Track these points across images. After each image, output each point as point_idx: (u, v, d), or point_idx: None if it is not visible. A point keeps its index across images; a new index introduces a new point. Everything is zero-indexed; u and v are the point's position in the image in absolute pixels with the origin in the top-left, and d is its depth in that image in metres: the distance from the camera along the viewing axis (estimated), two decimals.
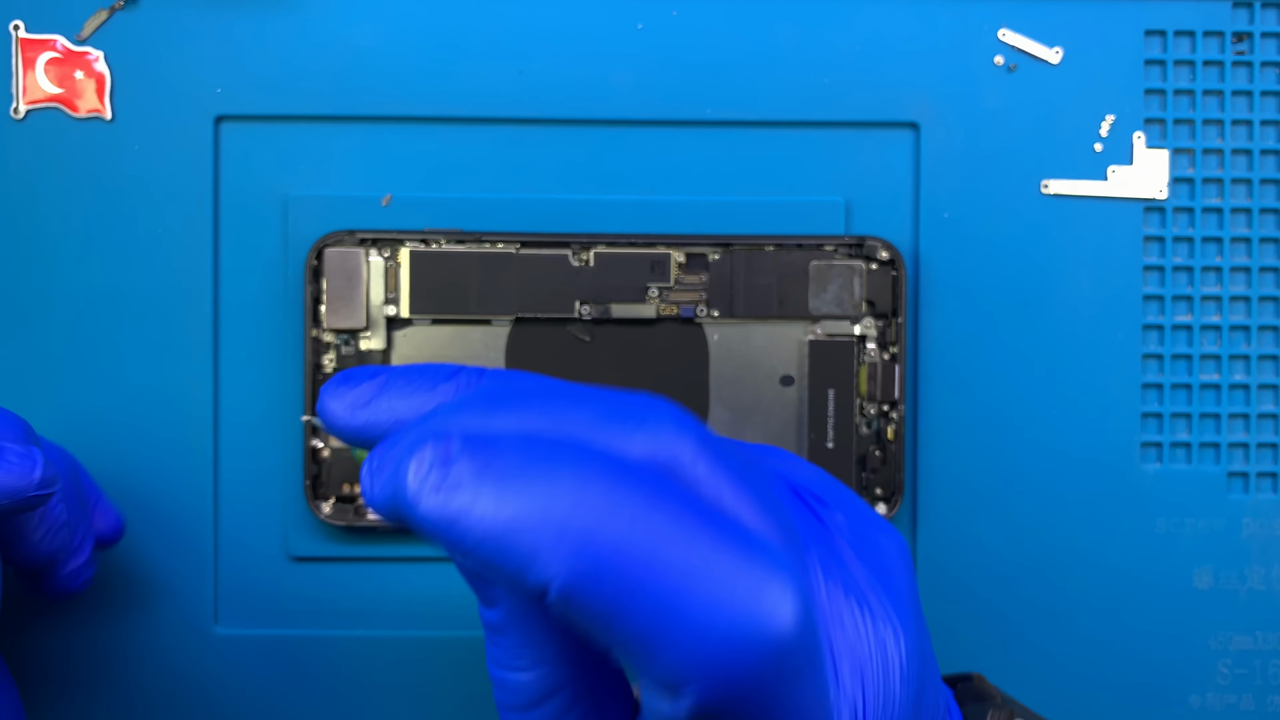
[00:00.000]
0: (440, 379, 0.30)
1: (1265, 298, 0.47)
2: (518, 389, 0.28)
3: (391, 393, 0.30)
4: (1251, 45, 0.47)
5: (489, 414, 0.27)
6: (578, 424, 0.27)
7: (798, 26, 0.47)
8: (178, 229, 0.46)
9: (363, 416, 0.29)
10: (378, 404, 0.30)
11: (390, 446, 0.26)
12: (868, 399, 0.46)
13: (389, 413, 0.29)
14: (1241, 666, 0.47)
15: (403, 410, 0.29)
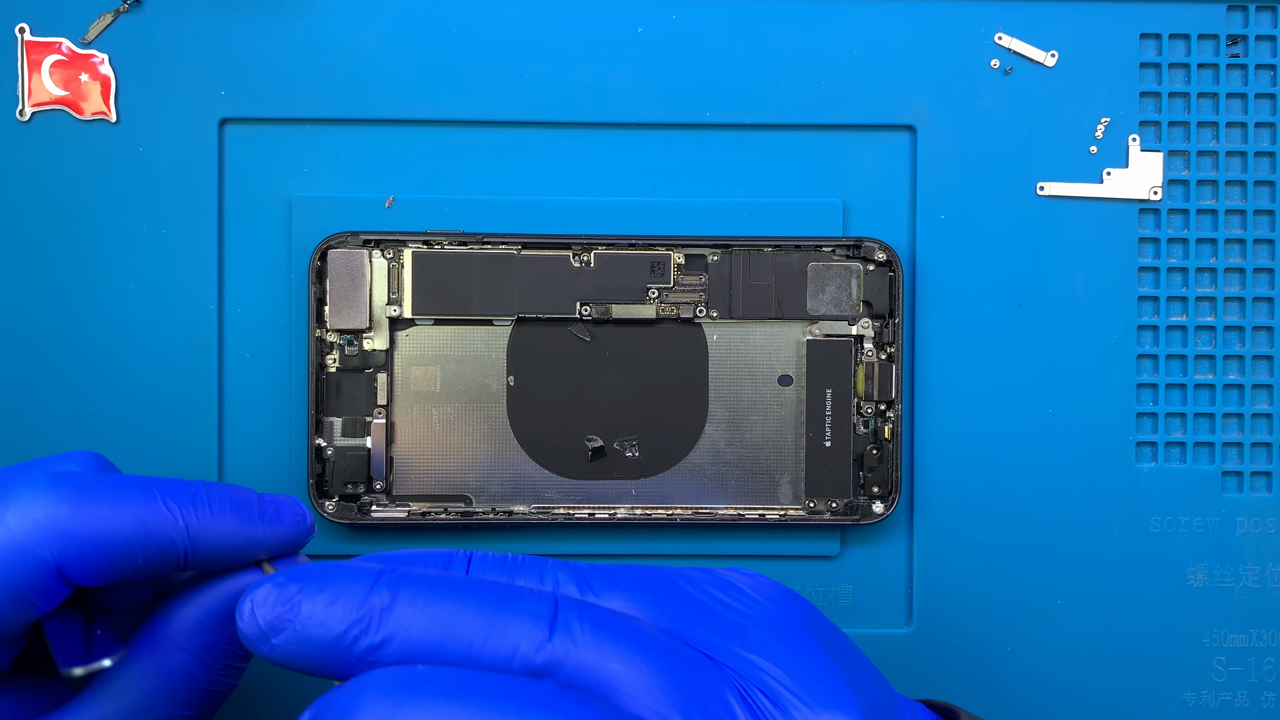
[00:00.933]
0: (352, 606, 0.32)
1: (1259, 298, 0.47)
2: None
3: (303, 622, 0.32)
4: (1246, 48, 0.47)
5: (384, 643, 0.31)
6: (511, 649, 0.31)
7: (796, 30, 0.47)
8: (182, 231, 0.46)
9: (279, 649, 0.32)
10: (290, 633, 0.32)
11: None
12: (865, 399, 0.46)
13: (304, 645, 0.32)
14: (1236, 664, 0.48)
15: (318, 639, 0.32)
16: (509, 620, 0.32)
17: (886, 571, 0.47)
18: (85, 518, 0.34)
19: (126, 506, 0.34)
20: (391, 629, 0.31)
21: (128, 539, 0.34)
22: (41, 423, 0.46)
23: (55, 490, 0.34)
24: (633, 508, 0.46)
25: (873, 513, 0.46)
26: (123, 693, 0.35)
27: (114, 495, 0.34)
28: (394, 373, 0.46)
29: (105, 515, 0.34)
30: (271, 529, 0.36)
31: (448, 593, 0.32)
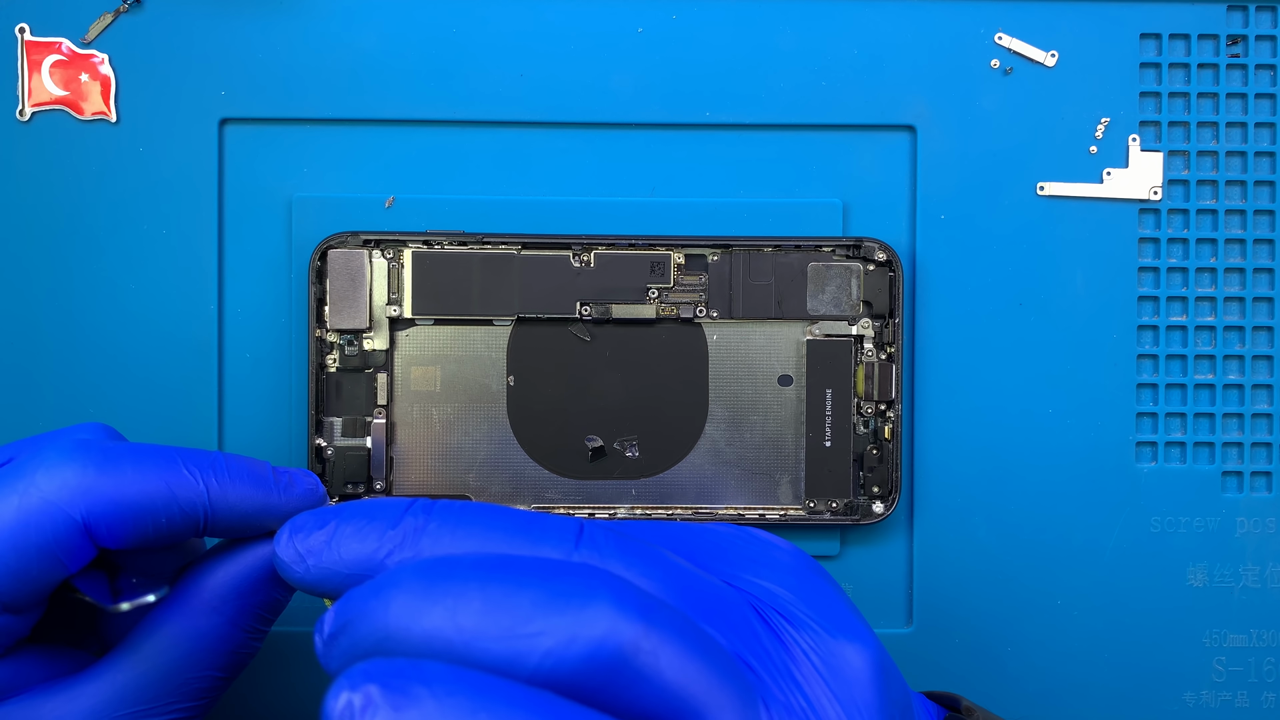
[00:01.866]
0: (387, 526, 0.32)
1: (1259, 298, 0.47)
2: (458, 560, 0.30)
3: (339, 543, 0.32)
4: (1246, 48, 0.47)
5: (425, 599, 0.29)
6: (516, 615, 0.29)
7: (796, 30, 0.47)
8: (182, 231, 0.46)
9: (314, 570, 0.33)
10: (326, 554, 0.32)
11: (327, 644, 0.30)
12: (865, 399, 0.46)
13: (338, 564, 0.32)
14: (1236, 664, 0.48)
15: (351, 558, 0.32)
16: (539, 535, 0.32)
17: (886, 571, 0.47)
18: (112, 480, 0.34)
19: (151, 470, 0.35)
20: (425, 545, 0.32)
21: (152, 501, 0.35)
22: (42, 422, 0.46)
23: (82, 454, 0.35)
24: (633, 508, 0.46)
25: (873, 513, 0.46)
26: (155, 654, 0.36)
27: (139, 459, 0.35)
28: (394, 373, 0.46)
29: (131, 478, 0.35)
30: (285, 496, 0.37)
31: (479, 514, 0.32)
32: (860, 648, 0.33)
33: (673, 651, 0.29)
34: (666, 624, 0.30)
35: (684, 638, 0.30)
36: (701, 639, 0.30)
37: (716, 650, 0.31)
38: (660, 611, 0.30)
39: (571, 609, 0.29)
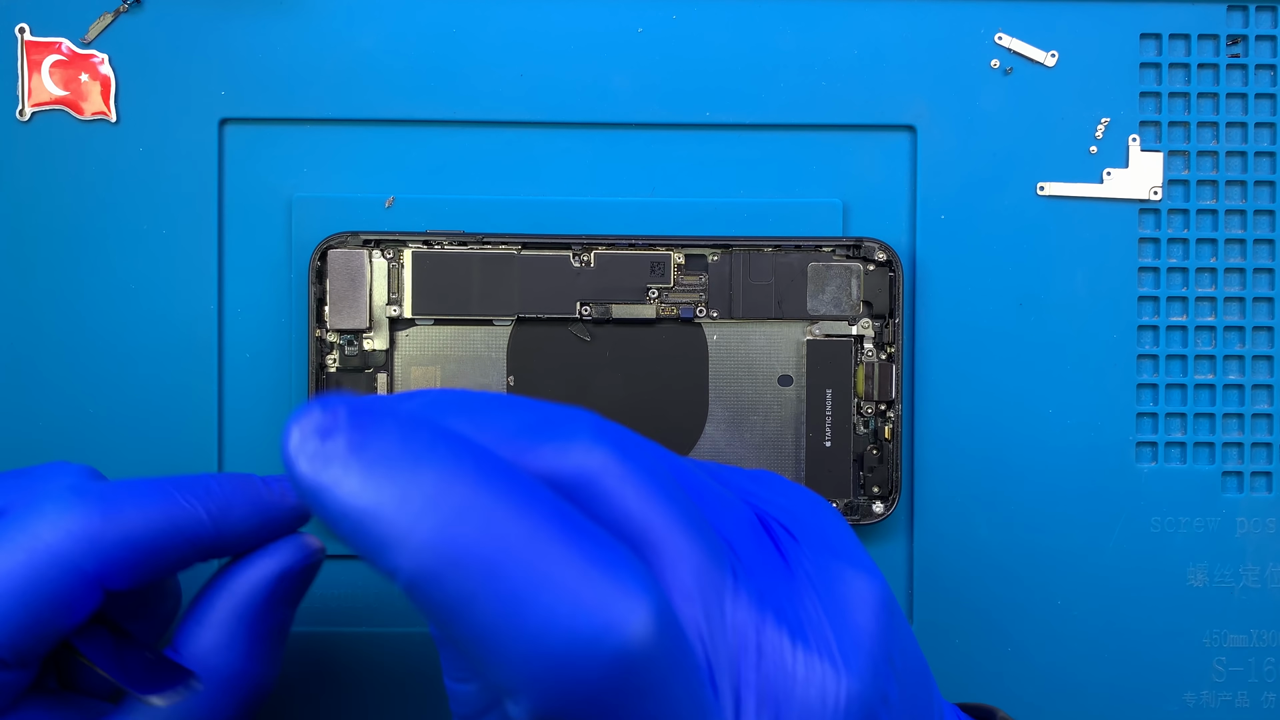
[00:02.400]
0: None
1: (1259, 298, 0.47)
2: (466, 395, 0.29)
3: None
4: (1246, 48, 0.47)
5: (412, 399, 0.28)
6: (497, 430, 0.28)
7: (796, 30, 0.47)
8: (182, 231, 0.46)
9: None
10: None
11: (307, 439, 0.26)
12: (865, 399, 0.46)
13: None
14: (1236, 664, 0.48)
15: None
16: (543, 411, 0.29)
17: (886, 571, 0.47)
18: (116, 525, 0.34)
19: (151, 507, 0.34)
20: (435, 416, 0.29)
21: (158, 538, 0.34)
22: (42, 422, 0.46)
23: (82, 501, 0.34)
24: None
25: (873, 513, 0.46)
26: (175, 709, 0.35)
27: (137, 498, 0.34)
28: (394, 373, 0.46)
29: (134, 519, 0.34)
30: (281, 504, 0.36)
31: (489, 398, 0.30)
32: (866, 577, 0.31)
33: (641, 486, 0.28)
34: (641, 461, 0.29)
35: (657, 480, 0.29)
36: (677, 492, 0.29)
37: (692, 509, 0.29)
38: (639, 451, 0.29)
39: (547, 434, 0.28)
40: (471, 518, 0.25)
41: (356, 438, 0.25)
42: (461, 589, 0.25)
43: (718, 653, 0.28)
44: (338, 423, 0.26)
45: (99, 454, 0.46)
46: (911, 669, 0.32)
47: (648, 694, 0.26)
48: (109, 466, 0.46)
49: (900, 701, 0.31)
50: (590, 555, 0.26)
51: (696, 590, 0.28)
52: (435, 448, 0.26)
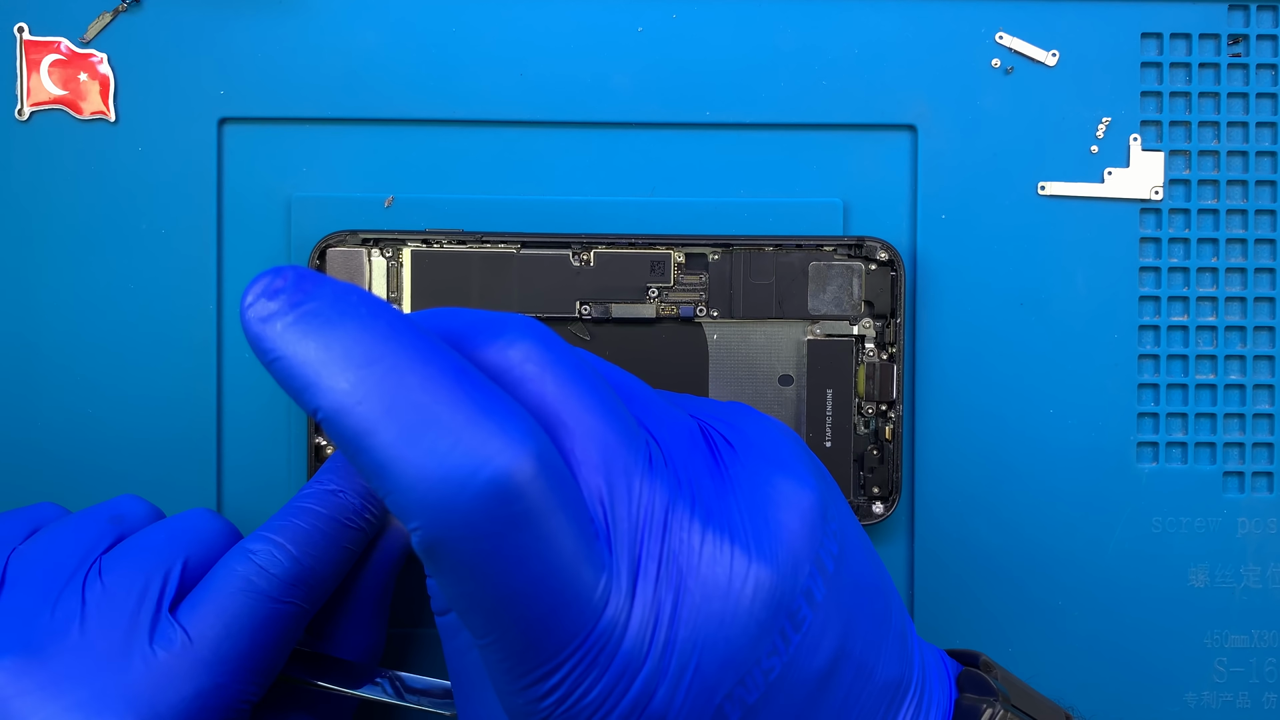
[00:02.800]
0: None
1: (1260, 298, 0.47)
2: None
3: None
4: (1247, 47, 0.47)
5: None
6: (447, 326, 0.32)
7: (797, 30, 0.47)
8: (181, 231, 0.46)
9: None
10: None
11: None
12: (866, 399, 0.46)
13: None
14: (1237, 664, 0.48)
15: None
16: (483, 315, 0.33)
17: (889, 571, 0.47)
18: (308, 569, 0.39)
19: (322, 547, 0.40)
20: None
21: (333, 566, 0.40)
22: (42, 421, 0.46)
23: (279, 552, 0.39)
24: None
25: (873, 513, 0.46)
26: None
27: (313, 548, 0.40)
28: None
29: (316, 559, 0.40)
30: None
31: (435, 310, 0.34)
32: (796, 483, 0.33)
33: (560, 374, 0.31)
34: (563, 355, 0.32)
35: (576, 371, 0.32)
36: (597, 383, 0.32)
37: (610, 399, 0.32)
38: (562, 347, 0.32)
39: (489, 334, 0.32)
40: (378, 365, 0.29)
41: (296, 297, 0.29)
42: (364, 424, 0.28)
43: (619, 521, 0.31)
44: (284, 285, 0.29)
45: (98, 453, 0.46)
46: (858, 583, 0.34)
47: (521, 528, 0.29)
48: (108, 465, 0.46)
49: (832, 606, 0.32)
50: (477, 404, 0.29)
51: (601, 464, 0.31)
52: (359, 308, 0.30)
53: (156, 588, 0.37)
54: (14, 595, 0.37)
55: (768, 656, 0.31)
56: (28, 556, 0.38)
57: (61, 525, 0.40)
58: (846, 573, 0.33)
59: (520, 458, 0.29)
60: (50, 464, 0.46)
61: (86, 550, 0.38)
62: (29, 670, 0.35)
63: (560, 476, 0.30)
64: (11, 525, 0.40)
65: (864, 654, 0.33)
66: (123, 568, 0.38)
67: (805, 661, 0.32)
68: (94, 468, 0.46)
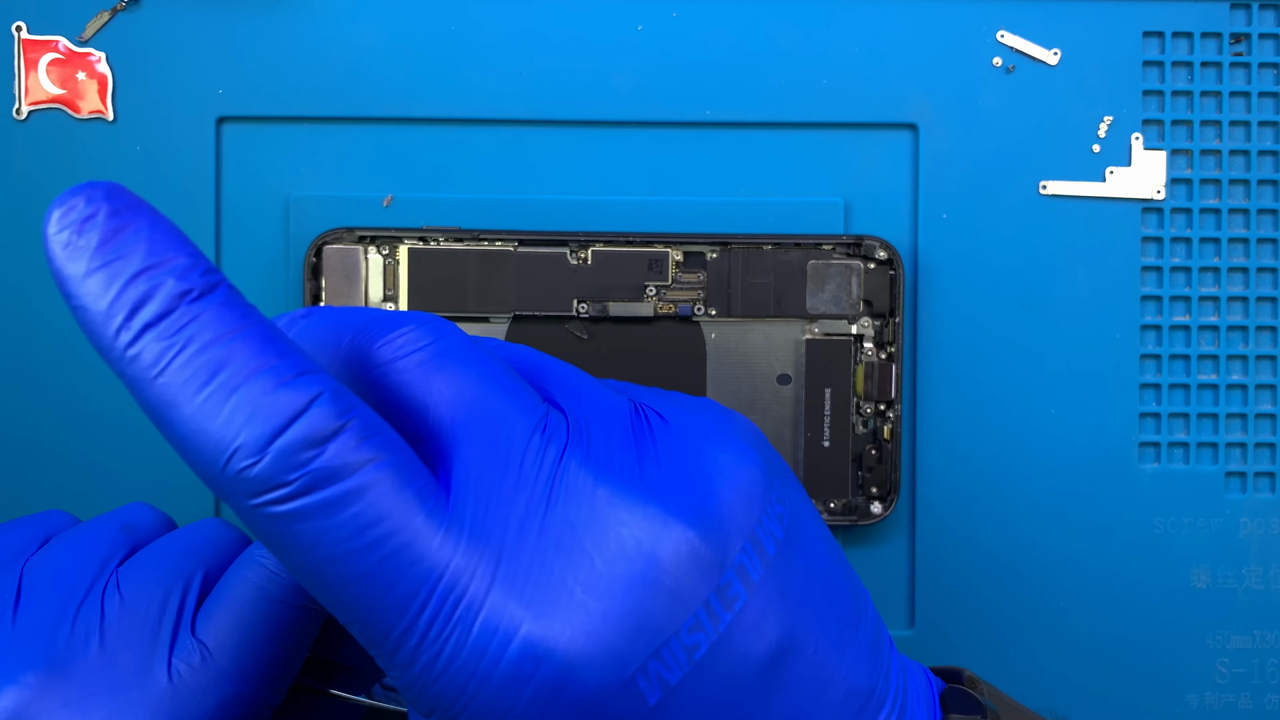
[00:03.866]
0: None
1: (1262, 298, 0.47)
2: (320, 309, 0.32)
3: None
4: (1249, 46, 0.47)
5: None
6: (350, 322, 0.31)
7: (797, 28, 0.47)
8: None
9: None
10: None
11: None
12: (864, 398, 0.46)
13: None
14: (1239, 665, 0.47)
15: None
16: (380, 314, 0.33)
17: (888, 572, 0.47)
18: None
19: None
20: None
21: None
22: (41, 420, 0.46)
23: None
24: None
25: (871, 513, 0.46)
26: None
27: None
28: None
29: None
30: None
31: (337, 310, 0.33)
32: (733, 457, 0.31)
33: (446, 352, 0.30)
34: (448, 335, 0.31)
35: (461, 349, 0.31)
36: (484, 359, 0.31)
37: (499, 374, 0.31)
38: (451, 333, 0.31)
39: (389, 330, 0.31)
40: (171, 326, 0.27)
41: (106, 236, 0.27)
42: (165, 396, 0.27)
43: (494, 486, 0.29)
44: (95, 219, 0.27)
45: (97, 452, 0.46)
46: (812, 575, 0.32)
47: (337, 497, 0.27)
48: (108, 462, 0.46)
49: (774, 590, 0.30)
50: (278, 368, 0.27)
51: (477, 432, 0.29)
52: (168, 249, 0.27)
53: (176, 601, 0.37)
54: (31, 609, 0.36)
55: (689, 631, 0.28)
56: (41, 568, 0.37)
57: (74, 535, 0.39)
58: (797, 561, 0.31)
59: (327, 417, 0.27)
60: (50, 464, 0.46)
61: (102, 562, 0.38)
62: (53, 686, 0.34)
63: (384, 446, 0.28)
64: (22, 534, 0.39)
65: (823, 653, 0.31)
66: (141, 581, 0.37)
67: (741, 645, 0.29)
68: (94, 468, 0.46)
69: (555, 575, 0.28)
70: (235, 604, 0.37)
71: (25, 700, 0.34)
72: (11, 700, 0.34)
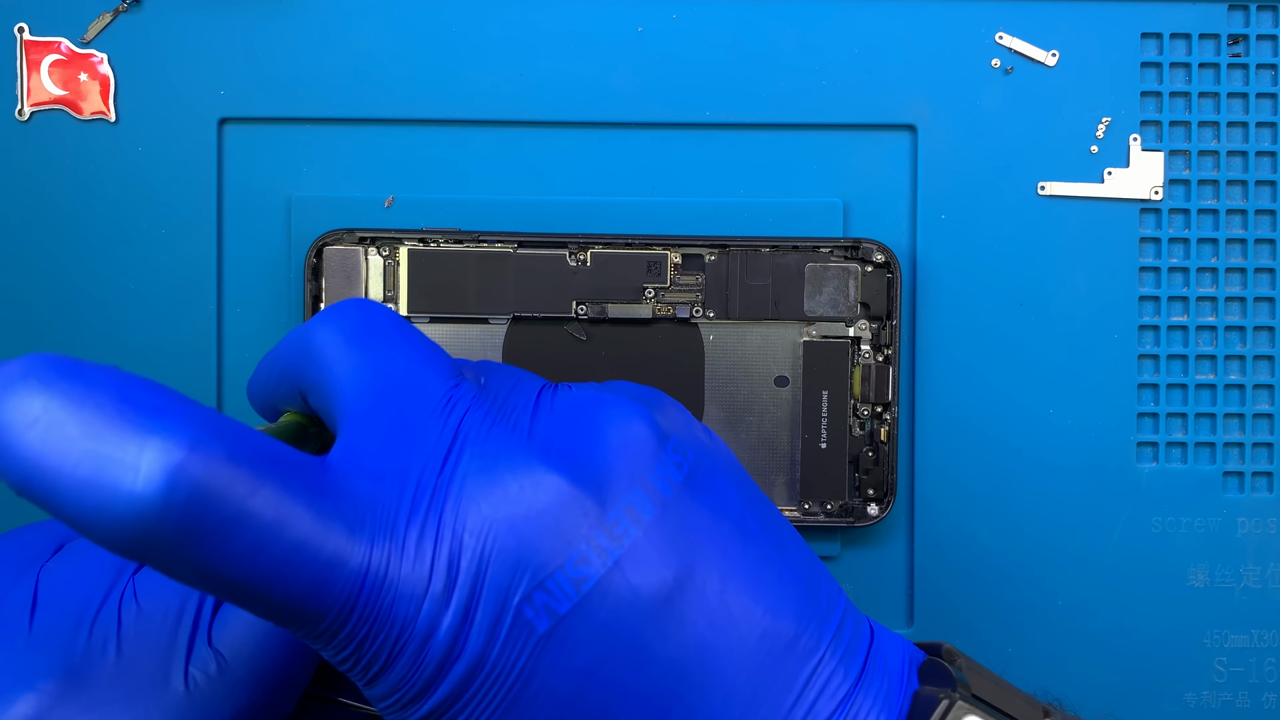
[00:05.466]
0: None
1: (1260, 298, 0.47)
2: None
3: None
4: (1247, 47, 0.47)
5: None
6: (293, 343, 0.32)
7: (796, 30, 0.47)
8: (181, 230, 0.46)
9: None
10: None
11: None
12: (861, 400, 0.46)
13: None
14: (1237, 664, 0.48)
15: None
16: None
17: (887, 573, 0.47)
18: None
19: None
20: None
21: None
22: None
23: None
24: None
25: (868, 515, 0.46)
26: None
27: None
28: None
29: None
30: None
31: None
32: (623, 411, 0.33)
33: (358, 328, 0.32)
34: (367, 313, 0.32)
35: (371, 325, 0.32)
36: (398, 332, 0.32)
37: (414, 342, 0.32)
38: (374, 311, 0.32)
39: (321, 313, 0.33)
40: (38, 429, 0.26)
41: None
42: (26, 467, 0.26)
43: (404, 450, 0.30)
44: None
45: None
46: (721, 518, 0.33)
47: (219, 521, 0.27)
48: None
49: (670, 529, 0.31)
50: (107, 429, 0.26)
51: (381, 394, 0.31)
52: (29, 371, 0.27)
53: (192, 610, 0.37)
54: (48, 616, 0.36)
55: (575, 565, 0.30)
56: (58, 574, 0.37)
57: (89, 542, 0.39)
58: (699, 504, 0.32)
59: (190, 465, 0.26)
60: None
61: (118, 569, 0.38)
62: (70, 694, 0.34)
63: (251, 453, 0.28)
64: (36, 540, 0.39)
65: (729, 592, 0.32)
66: (157, 589, 0.37)
67: (632, 577, 0.30)
68: None
69: (444, 526, 0.29)
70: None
71: (43, 707, 0.34)
72: (29, 707, 0.34)
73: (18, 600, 0.36)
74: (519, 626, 0.29)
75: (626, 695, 0.31)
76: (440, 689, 0.29)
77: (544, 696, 0.30)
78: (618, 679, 0.30)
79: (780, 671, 0.32)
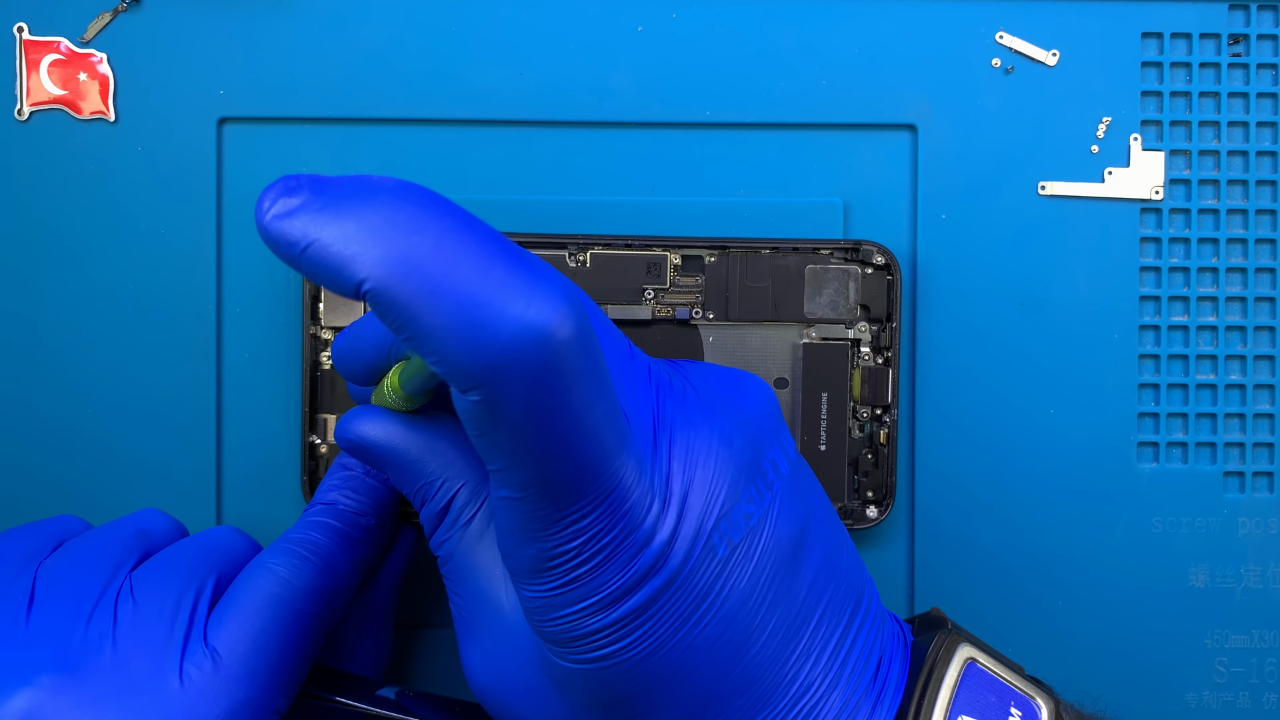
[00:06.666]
0: None
1: (1261, 298, 0.47)
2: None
3: None
4: (1247, 47, 0.47)
5: None
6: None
7: (796, 29, 0.47)
8: (180, 230, 0.46)
9: None
10: None
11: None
12: (861, 403, 0.46)
13: None
14: (1238, 664, 0.48)
15: None
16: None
17: (888, 573, 0.47)
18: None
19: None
20: None
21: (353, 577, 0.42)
22: (41, 420, 0.46)
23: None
24: None
25: (867, 517, 0.46)
26: None
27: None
28: None
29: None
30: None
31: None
32: (755, 383, 0.38)
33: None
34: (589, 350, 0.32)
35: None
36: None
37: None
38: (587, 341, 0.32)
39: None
40: (424, 234, 0.29)
41: (318, 189, 0.29)
42: (419, 291, 0.28)
43: (634, 387, 0.34)
44: (301, 185, 0.29)
45: (98, 451, 0.46)
46: (814, 491, 0.38)
47: (573, 382, 0.30)
48: (108, 462, 0.46)
49: (792, 488, 0.36)
50: (527, 271, 0.29)
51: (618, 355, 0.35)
52: (387, 185, 0.30)
53: (188, 607, 0.37)
54: (45, 611, 0.36)
55: (747, 502, 0.34)
56: (56, 571, 0.38)
57: (87, 539, 0.39)
58: (804, 478, 0.37)
59: (572, 315, 0.29)
60: (50, 464, 0.46)
61: (115, 566, 0.38)
62: (66, 688, 0.35)
63: (595, 340, 0.31)
64: (35, 538, 0.40)
65: (829, 547, 0.37)
66: (154, 586, 0.37)
67: (778, 521, 0.35)
68: (94, 468, 0.46)
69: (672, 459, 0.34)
70: (247, 610, 0.37)
71: (39, 702, 0.35)
72: (26, 701, 0.34)
73: (16, 596, 0.37)
74: (707, 550, 0.33)
75: (764, 625, 0.34)
76: (640, 593, 0.32)
77: (710, 616, 0.33)
78: (762, 608, 0.34)
79: (856, 619, 0.37)
